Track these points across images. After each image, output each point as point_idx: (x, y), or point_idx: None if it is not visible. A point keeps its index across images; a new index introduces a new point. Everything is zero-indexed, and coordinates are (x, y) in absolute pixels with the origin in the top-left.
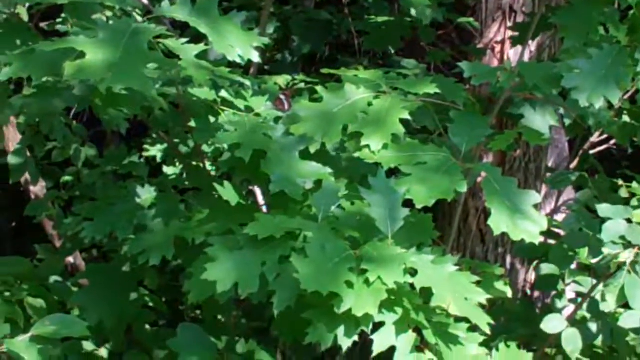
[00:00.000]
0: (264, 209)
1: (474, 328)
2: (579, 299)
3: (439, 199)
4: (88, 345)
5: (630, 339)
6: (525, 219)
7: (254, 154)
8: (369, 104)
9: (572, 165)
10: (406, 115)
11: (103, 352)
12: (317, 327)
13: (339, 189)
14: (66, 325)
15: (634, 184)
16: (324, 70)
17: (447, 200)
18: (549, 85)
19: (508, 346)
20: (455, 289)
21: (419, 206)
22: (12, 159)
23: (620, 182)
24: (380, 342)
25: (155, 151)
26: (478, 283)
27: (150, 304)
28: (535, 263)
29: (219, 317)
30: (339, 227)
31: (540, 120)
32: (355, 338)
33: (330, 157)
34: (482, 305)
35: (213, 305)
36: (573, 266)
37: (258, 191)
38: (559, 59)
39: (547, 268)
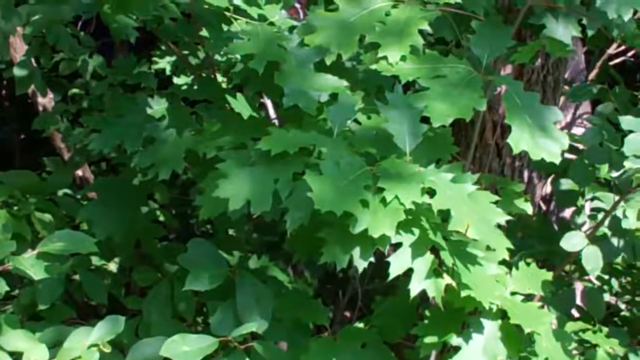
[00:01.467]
0: (276, 122)
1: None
2: (599, 216)
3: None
4: (96, 260)
5: None
6: (546, 137)
7: (267, 65)
8: (387, 14)
9: (590, 77)
10: (425, 26)
11: (112, 266)
12: (332, 247)
13: (355, 102)
14: (74, 241)
15: None
16: None
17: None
18: None
19: (528, 264)
20: (475, 210)
21: (436, 124)
22: (17, 71)
23: None
24: (397, 265)
25: (164, 63)
26: (497, 202)
27: (161, 218)
28: (551, 178)
29: (231, 231)
30: (355, 142)
31: (562, 31)
32: (372, 259)
33: (346, 69)
34: (500, 226)
35: (225, 220)
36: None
37: (269, 104)
38: None
39: (567, 183)
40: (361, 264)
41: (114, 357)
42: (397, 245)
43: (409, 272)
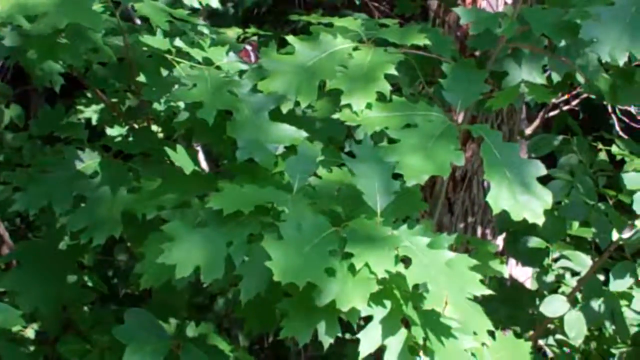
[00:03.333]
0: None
1: None
2: (566, 276)
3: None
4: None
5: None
6: (528, 194)
7: (217, 114)
8: (350, 56)
9: (532, 128)
10: (392, 70)
11: (29, 332)
12: (293, 321)
13: (316, 153)
14: None
15: (614, 147)
16: (293, 17)
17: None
18: (560, 34)
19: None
20: (453, 283)
21: (409, 183)
22: None
23: (599, 145)
24: (367, 343)
25: (90, 112)
26: (476, 267)
27: (89, 283)
28: (503, 235)
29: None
30: (317, 199)
31: (526, 77)
32: (339, 334)
33: (302, 118)
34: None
35: (164, 285)
36: None
37: (201, 154)
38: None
39: (534, 241)
40: (327, 340)
41: None
42: (365, 318)
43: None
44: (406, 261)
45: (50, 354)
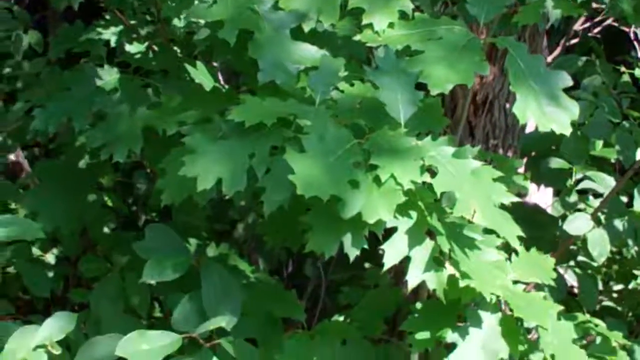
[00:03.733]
0: None
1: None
2: (590, 197)
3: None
4: (35, 251)
5: None
6: (555, 105)
7: (239, 33)
8: None
9: (552, 57)
10: None
11: (49, 257)
12: (318, 234)
13: (339, 67)
14: (18, 227)
15: (637, 71)
16: None
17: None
18: None
19: (527, 249)
20: (480, 191)
21: (434, 92)
22: None
23: (622, 68)
24: (392, 254)
25: (109, 34)
26: (499, 179)
27: (109, 203)
28: (525, 159)
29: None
30: (340, 112)
31: None
32: (365, 246)
33: (324, 36)
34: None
35: (183, 205)
36: None
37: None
38: None
39: (556, 162)
40: (353, 252)
41: (63, 359)
42: (389, 230)
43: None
44: (431, 172)
45: (71, 274)
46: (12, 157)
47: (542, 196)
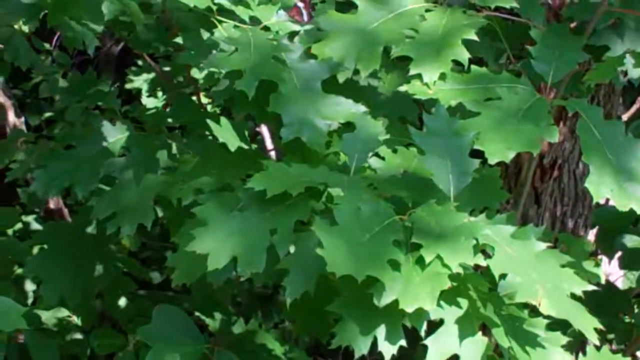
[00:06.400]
0: (273, 156)
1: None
2: None
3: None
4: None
5: None
6: (634, 181)
7: (260, 84)
8: (421, 19)
9: (629, 115)
10: (472, 35)
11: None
12: (347, 325)
13: (379, 129)
14: None
15: None
16: None
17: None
18: None
19: (598, 348)
20: (546, 276)
21: (492, 161)
22: None
23: None
24: (437, 350)
25: (141, 82)
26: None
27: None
28: (595, 230)
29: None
30: (378, 183)
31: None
32: (403, 342)
33: (363, 90)
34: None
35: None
36: None
37: (266, 131)
38: None
39: (633, 240)
40: (387, 350)
41: None
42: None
43: None
44: (485, 256)
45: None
46: (51, 204)
47: (612, 267)
